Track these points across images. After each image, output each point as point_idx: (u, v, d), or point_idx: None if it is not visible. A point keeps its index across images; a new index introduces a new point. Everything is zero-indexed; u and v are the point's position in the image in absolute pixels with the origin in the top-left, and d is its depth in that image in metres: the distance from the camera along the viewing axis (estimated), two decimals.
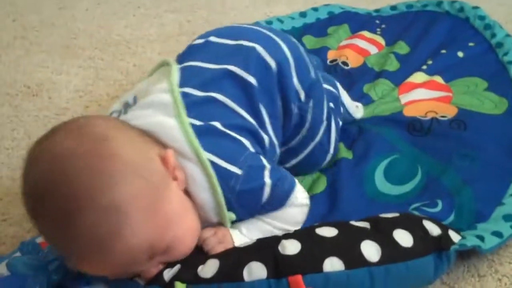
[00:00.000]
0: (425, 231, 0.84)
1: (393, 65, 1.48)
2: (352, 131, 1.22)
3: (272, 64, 0.95)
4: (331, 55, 1.55)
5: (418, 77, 1.40)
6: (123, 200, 0.73)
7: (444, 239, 0.84)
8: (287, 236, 0.84)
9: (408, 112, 1.28)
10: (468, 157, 1.10)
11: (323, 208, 1.02)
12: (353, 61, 1.51)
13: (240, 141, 0.89)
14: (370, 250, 0.80)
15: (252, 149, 0.90)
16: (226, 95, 0.91)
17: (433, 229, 0.85)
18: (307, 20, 1.72)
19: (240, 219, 0.90)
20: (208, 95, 0.90)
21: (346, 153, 1.15)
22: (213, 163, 0.83)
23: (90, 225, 0.72)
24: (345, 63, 1.50)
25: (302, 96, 0.99)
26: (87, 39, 1.70)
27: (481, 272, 0.92)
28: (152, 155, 0.81)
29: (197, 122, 0.86)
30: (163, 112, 0.86)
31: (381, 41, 1.61)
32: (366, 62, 1.51)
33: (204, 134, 0.85)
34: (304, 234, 0.84)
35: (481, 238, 0.90)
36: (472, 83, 1.35)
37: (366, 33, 1.63)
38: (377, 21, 1.70)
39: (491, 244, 0.90)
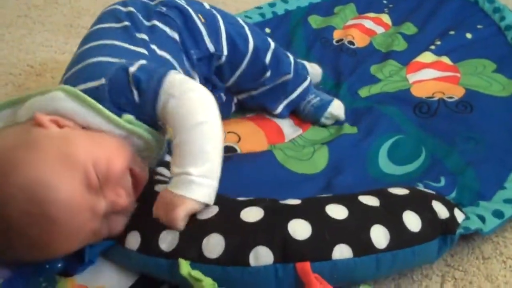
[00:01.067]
0: (433, 213, 0.83)
1: (400, 45, 1.47)
2: (358, 108, 1.22)
3: None
4: (337, 34, 1.54)
5: (426, 57, 1.39)
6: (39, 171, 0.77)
7: (450, 223, 0.84)
8: (297, 212, 0.81)
9: (416, 91, 1.27)
10: (473, 139, 1.10)
11: (324, 187, 1.01)
12: (360, 41, 1.50)
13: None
14: (379, 236, 0.79)
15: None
16: None
17: (441, 211, 0.84)
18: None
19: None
20: None
21: (350, 129, 1.14)
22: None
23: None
24: (351, 43, 1.49)
25: None
26: (90, 18, 1.68)
27: (486, 254, 0.91)
28: (28, 127, 0.83)
29: None
30: None
31: (388, 21, 1.59)
32: (373, 43, 1.50)
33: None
34: (315, 213, 0.81)
35: (482, 219, 0.89)
36: (480, 65, 1.34)
37: (372, 14, 1.62)
38: (384, 1, 1.68)
39: (492, 225, 0.90)
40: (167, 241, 0.80)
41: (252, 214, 0.81)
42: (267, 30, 1.56)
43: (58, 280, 0.82)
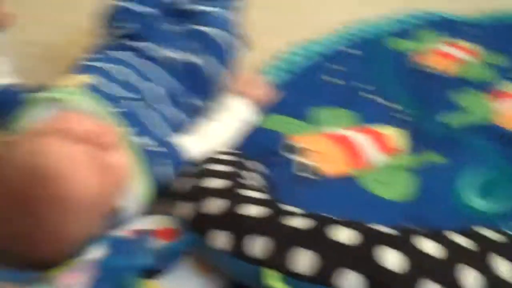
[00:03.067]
0: None
1: (485, 74, 1.44)
2: (443, 136, 1.21)
3: None
4: (419, 59, 1.53)
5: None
6: None
7: None
8: (392, 241, 0.79)
9: (502, 122, 1.25)
10: None
11: (410, 215, 1.01)
12: (443, 67, 1.49)
13: None
14: (470, 279, 0.76)
15: None
16: None
17: None
18: (397, 23, 1.71)
19: None
20: None
21: (437, 158, 1.14)
22: None
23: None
24: (433, 68, 1.48)
25: None
26: None
27: None
28: None
29: None
30: None
31: (474, 49, 1.57)
32: (457, 69, 1.48)
33: None
34: (409, 245, 0.79)
35: None
36: None
37: (456, 40, 1.60)
38: (470, 29, 1.66)
39: None
40: (258, 247, 0.81)
41: (344, 235, 0.80)
42: (353, 51, 1.56)
43: (142, 283, 0.85)
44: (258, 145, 1.19)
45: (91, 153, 0.90)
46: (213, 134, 1.15)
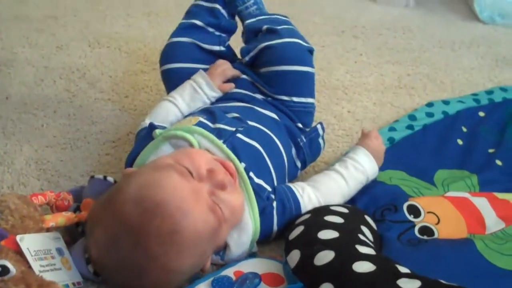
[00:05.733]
0: None
1: None
2: None
3: None
4: None
5: None
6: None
7: None
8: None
9: None
10: None
11: None
12: None
13: None
14: None
15: None
16: None
17: None
18: None
19: None
20: None
21: None
22: None
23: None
24: None
25: None
26: None
27: None
28: None
29: None
30: None
31: None
32: None
33: None
34: None
35: None
36: None
37: None
38: None
39: None
40: None
41: None
42: (481, 114, 1.52)
43: None
44: (377, 200, 1.18)
45: (210, 191, 0.92)
46: (333, 186, 1.14)
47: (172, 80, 1.32)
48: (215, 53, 1.35)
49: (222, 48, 1.36)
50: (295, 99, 1.26)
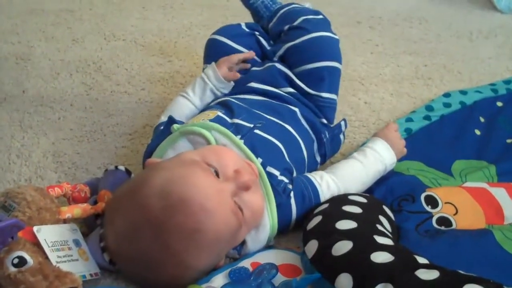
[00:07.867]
0: None
1: None
2: None
3: None
4: None
5: None
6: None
7: None
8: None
9: None
10: None
11: None
12: None
13: None
14: None
15: None
16: None
17: None
18: None
19: None
20: None
21: None
22: None
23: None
24: None
25: None
26: None
27: None
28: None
29: None
30: None
31: None
32: None
33: None
34: None
35: None
36: None
37: None
38: None
39: None
40: None
41: None
42: (499, 104, 1.51)
43: None
44: (394, 190, 1.17)
45: (234, 192, 0.91)
46: (353, 173, 1.14)
47: (212, 49, 1.37)
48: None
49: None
50: (324, 94, 1.27)
